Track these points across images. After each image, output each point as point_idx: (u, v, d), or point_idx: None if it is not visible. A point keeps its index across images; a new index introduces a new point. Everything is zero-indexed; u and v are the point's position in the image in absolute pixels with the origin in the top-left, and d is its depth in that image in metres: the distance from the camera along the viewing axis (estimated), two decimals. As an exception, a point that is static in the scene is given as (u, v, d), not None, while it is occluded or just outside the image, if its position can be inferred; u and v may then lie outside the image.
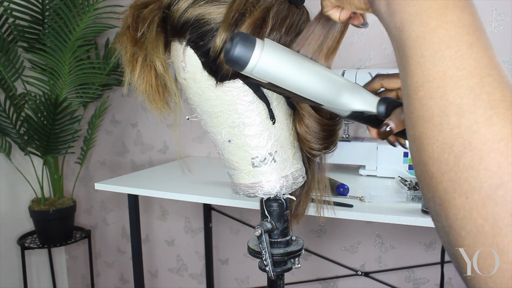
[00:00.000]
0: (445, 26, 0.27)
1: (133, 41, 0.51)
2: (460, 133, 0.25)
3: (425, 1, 0.29)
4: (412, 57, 0.29)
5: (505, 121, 0.25)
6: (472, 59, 0.27)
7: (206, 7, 0.48)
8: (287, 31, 0.48)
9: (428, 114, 0.27)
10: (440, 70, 0.27)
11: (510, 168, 0.24)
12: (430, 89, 0.27)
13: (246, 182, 0.55)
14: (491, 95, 0.25)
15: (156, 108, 0.54)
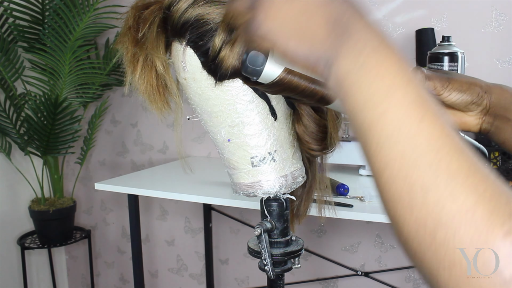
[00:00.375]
0: (393, 109, 0.28)
1: (134, 41, 0.51)
2: (429, 210, 0.26)
3: (370, 87, 0.29)
4: (369, 142, 0.29)
5: (466, 191, 0.25)
6: (424, 135, 0.27)
7: (205, 8, 0.48)
8: None
9: (396, 195, 0.28)
10: (398, 152, 0.28)
11: (482, 238, 0.24)
12: (392, 172, 0.28)
13: (246, 181, 0.55)
14: (449, 167, 0.26)
15: (156, 108, 0.54)
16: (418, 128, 0.28)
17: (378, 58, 0.30)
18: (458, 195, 0.25)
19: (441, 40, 0.84)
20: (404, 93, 0.29)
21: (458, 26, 1.38)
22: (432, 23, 1.41)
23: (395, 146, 0.28)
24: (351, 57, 0.31)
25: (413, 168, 0.27)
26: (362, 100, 0.30)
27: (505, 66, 1.35)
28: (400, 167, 0.28)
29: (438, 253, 0.26)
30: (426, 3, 1.41)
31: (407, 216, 0.27)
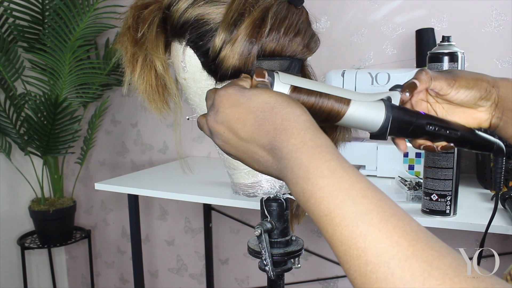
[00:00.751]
0: (335, 234, 0.33)
1: (133, 41, 0.51)
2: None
3: (314, 214, 0.35)
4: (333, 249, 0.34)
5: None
6: (373, 252, 0.31)
7: (205, 8, 0.48)
8: (286, 31, 0.48)
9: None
10: (356, 269, 0.31)
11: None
12: (358, 285, 0.32)
13: (246, 181, 0.55)
14: (402, 278, 0.29)
15: (156, 108, 0.54)
16: (364, 245, 0.31)
17: (310, 187, 0.35)
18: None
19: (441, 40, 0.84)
20: (342, 215, 0.32)
21: (458, 26, 1.38)
22: (432, 23, 1.41)
23: (351, 264, 0.31)
24: (293, 185, 0.37)
25: (370, 283, 0.30)
26: (316, 221, 0.35)
27: (505, 66, 1.34)
28: (362, 282, 0.31)
29: None
30: (426, 3, 1.41)
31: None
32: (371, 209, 0.32)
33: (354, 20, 1.52)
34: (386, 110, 0.46)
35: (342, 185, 0.33)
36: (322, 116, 0.45)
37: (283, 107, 0.38)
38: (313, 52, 0.53)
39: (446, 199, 0.89)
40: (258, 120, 0.39)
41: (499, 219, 0.90)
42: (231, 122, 0.40)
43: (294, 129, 0.37)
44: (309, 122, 0.38)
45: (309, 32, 0.51)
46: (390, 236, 0.30)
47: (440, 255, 0.29)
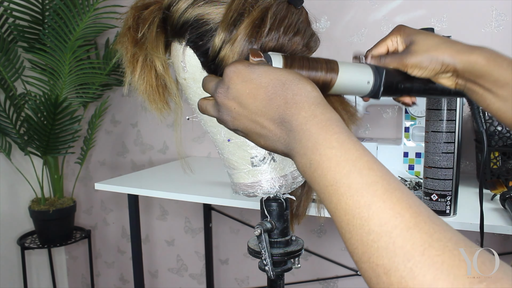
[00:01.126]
0: (342, 202, 0.34)
1: (133, 41, 0.51)
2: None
3: (319, 185, 0.35)
4: (337, 226, 0.34)
5: (424, 268, 0.28)
6: (375, 220, 0.31)
7: (205, 8, 0.48)
8: (286, 31, 0.48)
9: (366, 275, 0.31)
10: (356, 239, 0.32)
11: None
12: (358, 255, 0.32)
13: (246, 181, 0.55)
14: (403, 247, 0.29)
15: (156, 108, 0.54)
16: (368, 215, 0.31)
17: (318, 157, 0.35)
18: (416, 273, 0.28)
19: (441, 40, 0.84)
20: (347, 185, 0.33)
21: (458, 26, 1.38)
22: (432, 23, 1.41)
23: (354, 234, 0.32)
24: (300, 156, 0.37)
25: (372, 253, 0.30)
26: (320, 193, 0.35)
27: (505, 66, 1.34)
28: (363, 252, 0.31)
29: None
30: (426, 3, 1.41)
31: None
32: (376, 181, 0.33)
33: (354, 20, 1.52)
34: (372, 69, 0.50)
35: (350, 156, 0.34)
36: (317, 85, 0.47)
37: (294, 83, 0.39)
38: (313, 51, 0.53)
39: (446, 199, 0.89)
40: (269, 94, 0.40)
41: (499, 219, 0.90)
42: (242, 97, 0.41)
43: (304, 103, 0.38)
44: (319, 98, 0.39)
45: (309, 31, 0.52)
46: (394, 207, 0.31)
47: (441, 228, 0.30)
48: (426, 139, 0.90)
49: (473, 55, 0.50)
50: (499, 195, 0.98)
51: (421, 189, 0.97)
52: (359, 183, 0.33)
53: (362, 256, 0.31)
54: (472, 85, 0.51)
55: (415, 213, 0.31)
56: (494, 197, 1.03)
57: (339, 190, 0.33)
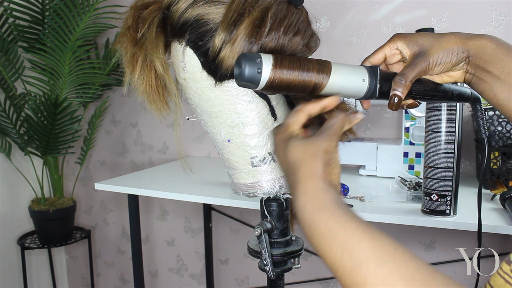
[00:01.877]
0: (337, 266, 0.38)
1: (133, 41, 0.51)
2: None
3: (319, 250, 0.39)
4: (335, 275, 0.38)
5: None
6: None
7: (205, 8, 0.48)
8: (286, 31, 0.48)
9: None
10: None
11: None
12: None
13: (246, 181, 0.55)
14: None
15: (156, 108, 0.54)
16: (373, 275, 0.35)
17: (311, 236, 0.40)
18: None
19: (441, 40, 0.84)
20: (337, 268, 0.37)
21: (458, 26, 1.38)
22: (432, 23, 1.41)
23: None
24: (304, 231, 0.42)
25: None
26: (320, 256, 0.40)
27: (505, 66, 1.34)
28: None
29: None
30: (426, 3, 1.41)
31: None
32: (367, 258, 0.36)
33: (354, 20, 1.52)
34: (366, 68, 0.50)
35: (339, 241, 0.38)
36: (308, 88, 0.47)
37: (299, 167, 0.44)
38: (313, 51, 0.53)
39: (446, 199, 0.89)
40: (285, 171, 0.47)
41: (499, 219, 0.90)
42: (279, 160, 0.49)
43: (299, 191, 0.43)
44: (314, 183, 0.43)
45: (309, 31, 0.52)
46: (386, 281, 0.34)
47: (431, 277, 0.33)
48: (426, 139, 0.89)
49: (483, 39, 0.51)
50: (499, 195, 0.98)
51: (421, 189, 0.97)
52: (352, 265, 0.36)
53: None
54: (481, 72, 0.51)
55: (407, 281, 0.33)
56: (494, 197, 1.03)
57: (338, 271, 0.38)
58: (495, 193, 1.04)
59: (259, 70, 0.44)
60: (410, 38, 0.53)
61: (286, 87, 0.46)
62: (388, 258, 0.35)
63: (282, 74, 0.45)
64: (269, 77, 0.45)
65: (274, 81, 0.45)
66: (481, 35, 0.51)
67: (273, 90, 0.46)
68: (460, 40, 0.51)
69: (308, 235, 0.40)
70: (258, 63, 0.44)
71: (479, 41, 0.51)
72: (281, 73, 0.45)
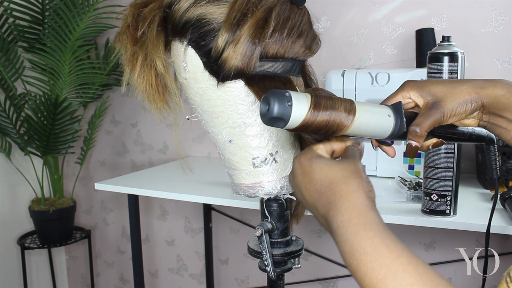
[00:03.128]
0: (360, 273, 0.38)
1: (133, 40, 0.50)
2: None
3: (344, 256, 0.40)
4: (360, 282, 0.38)
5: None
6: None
7: (207, 7, 0.48)
8: (289, 33, 0.48)
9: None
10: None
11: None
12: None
13: (247, 182, 0.55)
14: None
15: (156, 108, 0.54)
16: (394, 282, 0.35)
17: (355, 262, 0.39)
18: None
19: (441, 40, 0.84)
20: (362, 255, 0.38)
21: (458, 26, 1.38)
22: (432, 23, 1.41)
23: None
24: (343, 256, 0.40)
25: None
26: (355, 277, 0.39)
27: (505, 66, 1.35)
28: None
29: None
30: (426, 3, 1.41)
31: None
32: (411, 282, 0.35)
33: (354, 20, 1.52)
34: (391, 107, 0.49)
35: (384, 261, 0.37)
36: (333, 127, 0.45)
37: (339, 183, 0.42)
38: (314, 53, 0.53)
39: (446, 199, 0.89)
40: (317, 192, 0.44)
41: (499, 219, 0.90)
42: (300, 187, 0.46)
43: (343, 206, 0.41)
44: (359, 199, 0.42)
45: (311, 33, 0.51)
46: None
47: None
48: (426, 139, 0.89)
49: (497, 88, 0.50)
50: (499, 195, 0.98)
51: (421, 189, 0.97)
52: (395, 287, 0.35)
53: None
54: (496, 119, 0.51)
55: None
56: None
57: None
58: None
59: (298, 112, 0.42)
60: (422, 87, 0.52)
61: (317, 129, 0.45)
62: (433, 286, 0.35)
63: (318, 116, 0.44)
64: (304, 119, 0.43)
65: (309, 122, 0.43)
66: (493, 82, 0.51)
67: (301, 131, 0.45)
68: (473, 90, 0.50)
69: (348, 251, 0.39)
70: (295, 103, 0.42)
71: (492, 90, 0.50)
72: (317, 115, 0.43)
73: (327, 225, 0.43)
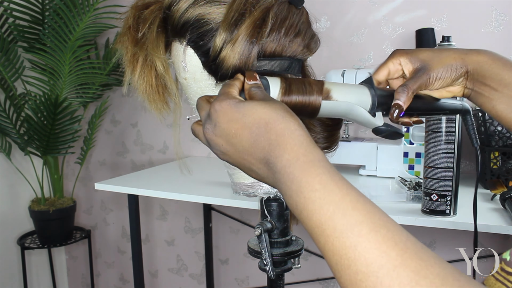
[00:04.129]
0: (319, 230, 0.36)
1: (134, 41, 0.51)
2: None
3: (301, 214, 0.37)
4: (320, 247, 0.36)
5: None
6: (363, 262, 0.32)
7: (206, 7, 0.48)
8: (287, 32, 0.48)
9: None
10: (347, 278, 0.33)
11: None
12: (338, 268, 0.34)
13: (246, 181, 0.55)
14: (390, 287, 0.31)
15: (156, 108, 0.54)
16: (354, 256, 0.33)
17: (303, 200, 0.36)
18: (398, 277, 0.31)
19: (441, 40, 0.84)
20: (332, 227, 0.34)
21: (458, 26, 1.38)
22: (432, 23, 1.41)
23: (343, 274, 0.33)
24: (287, 197, 0.38)
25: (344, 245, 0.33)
26: (309, 232, 0.37)
27: (505, 66, 1.34)
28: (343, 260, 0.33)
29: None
30: (426, 3, 1.41)
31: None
32: (360, 220, 0.34)
33: (354, 20, 1.52)
34: (370, 91, 0.51)
35: (333, 198, 0.35)
36: (308, 109, 0.47)
37: (278, 122, 0.39)
38: (313, 52, 0.53)
39: (446, 199, 0.89)
40: (253, 135, 0.40)
41: (499, 219, 0.90)
42: (228, 136, 0.41)
43: (287, 145, 0.38)
44: (302, 137, 0.39)
45: (310, 32, 0.52)
46: (379, 247, 0.32)
47: (428, 264, 0.31)
48: (426, 139, 0.90)
49: (480, 55, 0.52)
50: (499, 195, 0.98)
51: (421, 189, 0.97)
52: (344, 224, 0.34)
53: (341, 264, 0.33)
54: (479, 86, 0.53)
55: (401, 250, 0.32)
56: (494, 197, 1.03)
57: (325, 232, 0.34)
58: (495, 193, 1.04)
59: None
60: (411, 53, 0.54)
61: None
62: (382, 224, 0.34)
63: (290, 99, 0.45)
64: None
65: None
66: (477, 50, 0.53)
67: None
68: (458, 56, 0.53)
69: (295, 190, 0.37)
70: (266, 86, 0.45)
71: (476, 57, 0.52)
72: (290, 98, 0.45)
73: (266, 168, 0.40)
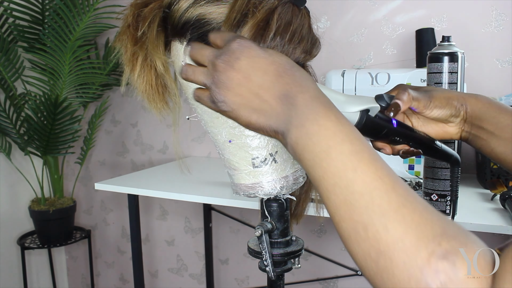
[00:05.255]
0: (332, 166, 0.37)
1: (133, 40, 0.50)
2: (370, 243, 0.33)
3: (313, 151, 0.38)
4: (321, 193, 0.38)
5: (395, 223, 0.33)
6: (359, 182, 0.35)
7: (207, 7, 0.48)
8: (291, 39, 0.47)
9: (346, 234, 0.36)
10: (341, 199, 0.36)
11: (412, 261, 0.31)
12: (340, 215, 0.36)
13: (247, 182, 0.55)
14: (380, 205, 0.34)
15: (155, 108, 0.54)
16: (353, 177, 0.36)
17: (317, 127, 0.39)
18: (389, 228, 0.33)
19: (441, 40, 0.84)
20: (339, 151, 0.37)
21: (458, 26, 1.38)
22: (432, 23, 1.41)
23: (339, 194, 0.36)
24: (298, 128, 0.40)
25: (353, 211, 0.35)
26: (310, 161, 0.39)
27: (505, 66, 1.35)
28: (345, 210, 0.36)
29: (382, 278, 0.33)
30: (426, 3, 1.41)
31: (356, 249, 0.35)
32: (363, 149, 0.37)
33: (354, 20, 1.52)
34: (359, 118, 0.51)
35: (344, 128, 0.39)
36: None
37: (300, 70, 0.43)
38: (314, 56, 0.52)
39: (446, 199, 0.89)
40: (280, 71, 0.42)
41: (499, 219, 0.90)
42: (250, 70, 0.42)
43: (310, 87, 0.42)
44: (318, 89, 0.43)
45: (312, 38, 0.51)
46: (376, 172, 0.36)
47: (414, 194, 0.35)
48: (426, 139, 0.89)
49: (478, 99, 0.54)
50: (499, 195, 0.98)
51: (421, 189, 0.97)
52: (349, 150, 0.37)
53: (344, 214, 0.35)
54: (477, 130, 0.54)
55: (393, 179, 0.36)
56: (494, 197, 1.03)
57: (330, 155, 0.37)
58: (495, 193, 1.04)
59: None
60: (416, 87, 0.56)
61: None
62: (378, 157, 0.37)
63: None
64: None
65: None
66: (475, 94, 0.55)
67: None
68: (460, 95, 0.55)
69: (311, 119, 0.39)
70: None
71: (475, 100, 0.54)
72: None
73: (282, 103, 0.42)
